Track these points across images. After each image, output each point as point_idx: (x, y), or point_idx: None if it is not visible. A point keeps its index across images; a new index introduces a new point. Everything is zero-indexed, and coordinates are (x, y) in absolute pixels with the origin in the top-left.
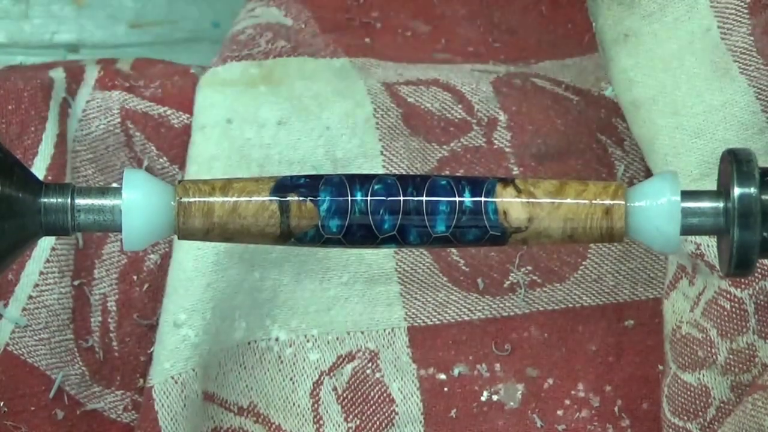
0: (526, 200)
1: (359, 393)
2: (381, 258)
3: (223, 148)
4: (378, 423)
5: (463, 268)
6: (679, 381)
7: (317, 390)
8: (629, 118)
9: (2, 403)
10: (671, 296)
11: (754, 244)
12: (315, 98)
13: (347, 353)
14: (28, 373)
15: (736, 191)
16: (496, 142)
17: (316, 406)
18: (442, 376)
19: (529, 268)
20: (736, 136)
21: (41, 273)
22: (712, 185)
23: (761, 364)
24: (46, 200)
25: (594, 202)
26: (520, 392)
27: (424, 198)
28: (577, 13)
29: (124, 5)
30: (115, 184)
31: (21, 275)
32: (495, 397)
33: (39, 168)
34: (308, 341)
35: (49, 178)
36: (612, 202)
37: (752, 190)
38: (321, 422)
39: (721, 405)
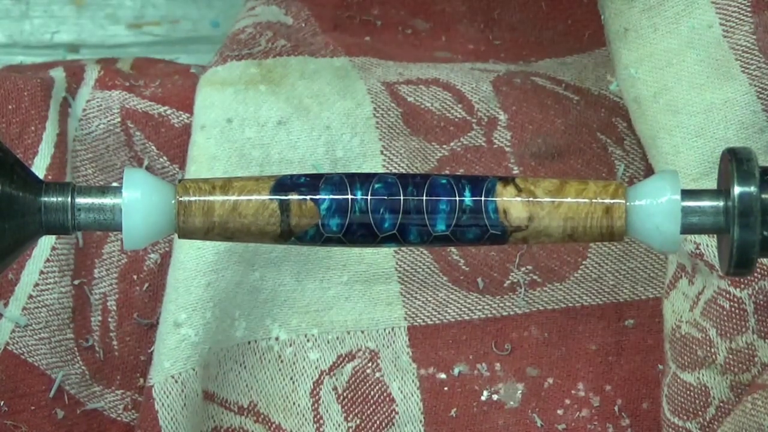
0: (527, 199)
1: (359, 392)
2: (381, 257)
3: (223, 147)
4: (378, 422)
5: (463, 267)
6: (678, 380)
7: (317, 389)
8: (632, 114)
9: (2, 403)
10: (671, 296)
11: (754, 243)
12: (315, 98)
13: (347, 353)
14: (28, 373)
15: (737, 190)
16: (496, 141)
17: (316, 405)
18: (442, 376)
19: (529, 267)
20: (737, 135)
21: (41, 272)
22: (712, 184)
23: (761, 363)
24: (46, 199)
25: (594, 201)
26: (520, 392)
27: (424, 197)
28: (576, 8)
29: (124, 5)
30: (115, 184)
31: (21, 274)
32: (495, 397)
33: (39, 167)
34: (308, 341)
35: (50, 177)
36: (612, 201)
37: (752, 189)
38: (321, 422)
39: (721, 404)
